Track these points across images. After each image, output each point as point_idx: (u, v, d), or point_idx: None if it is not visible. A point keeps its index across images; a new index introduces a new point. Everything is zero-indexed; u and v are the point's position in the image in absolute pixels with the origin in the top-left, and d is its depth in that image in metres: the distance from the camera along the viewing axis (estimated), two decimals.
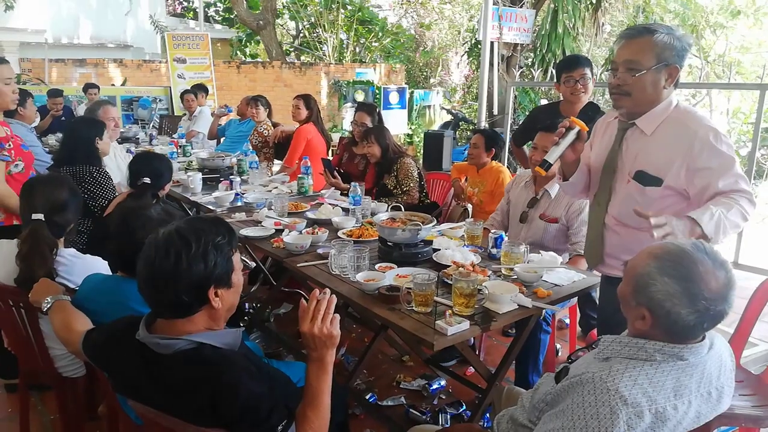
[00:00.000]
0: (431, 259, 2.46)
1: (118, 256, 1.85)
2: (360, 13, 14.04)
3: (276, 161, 5.40)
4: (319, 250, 2.54)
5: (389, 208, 2.94)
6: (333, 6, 13.57)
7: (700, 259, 1.23)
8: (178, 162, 4.62)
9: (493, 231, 2.56)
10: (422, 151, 5.94)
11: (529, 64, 8.94)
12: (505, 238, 2.53)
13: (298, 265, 2.42)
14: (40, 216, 2.06)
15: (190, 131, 6.19)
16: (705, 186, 1.77)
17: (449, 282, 2.16)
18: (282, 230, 2.82)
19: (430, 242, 2.54)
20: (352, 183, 3.14)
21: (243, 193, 3.49)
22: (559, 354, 3.25)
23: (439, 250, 2.52)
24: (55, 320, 1.72)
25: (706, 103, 9.80)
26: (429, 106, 12.53)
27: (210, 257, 1.29)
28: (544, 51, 8.33)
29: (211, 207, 3.36)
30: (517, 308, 2.02)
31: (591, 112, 2.03)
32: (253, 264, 4.28)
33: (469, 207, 3.87)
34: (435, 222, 2.58)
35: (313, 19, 14.16)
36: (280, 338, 3.36)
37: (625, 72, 1.83)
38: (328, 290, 1.40)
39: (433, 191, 4.28)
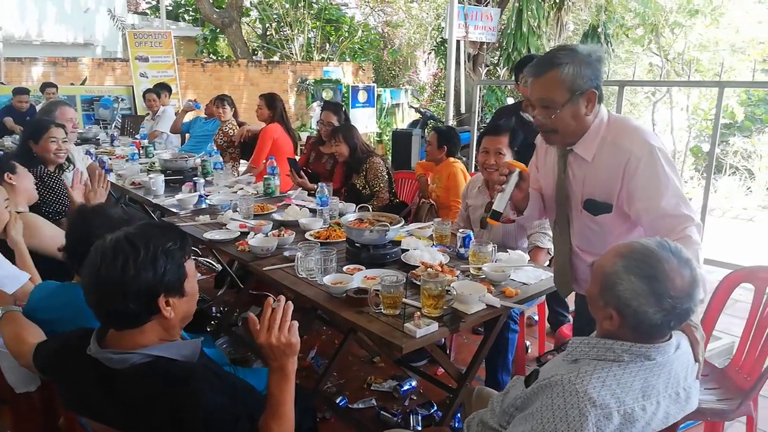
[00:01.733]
0: (400, 260, 2.44)
1: (74, 260, 1.77)
2: (326, 12, 13.93)
3: (242, 161, 5.31)
4: (286, 253, 2.49)
5: (357, 208, 2.91)
6: (299, 4, 13.43)
7: (666, 257, 1.23)
8: (140, 163, 4.50)
9: (460, 230, 2.55)
10: (391, 149, 5.91)
11: (495, 62, 9.00)
12: (473, 238, 2.53)
13: (264, 268, 2.37)
14: None
15: (153, 131, 6.04)
16: (645, 208, 1.68)
17: (418, 283, 2.14)
18: (247, 233, 2.75)
19: (398, 243, 2.51)
20: (320, 183, 3.10)
21: (207, 195, 3.41)
22: (529, 351, 3.27)
23: (408, 250, 2.50)
24: (5, 332, 1.63)
25: (667, 100, 10.06)
26: (398, 105, 12.52)
27: (159, 264, 1.23)
28: (509, 50, 8.40)
29: (174, 210, 3.27)
30: (485, 308, 2.01)
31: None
32: (220, 267, 4.19)
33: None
34: (403, 222, 2.56)
35: (279, 18, 14.00)
36: (247, 343, 3.29)
37: (542, 111, 1.72)
38: (282, 297, 1.35)
39: (401, 190, 4.26)
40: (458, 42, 7.62)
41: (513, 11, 8.43)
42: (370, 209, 2.72)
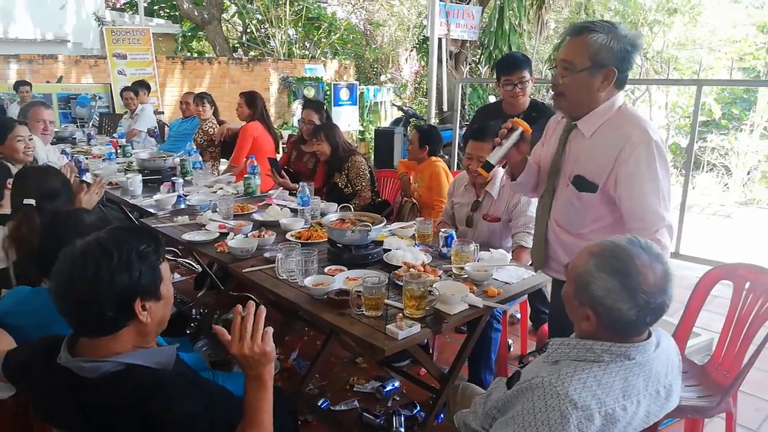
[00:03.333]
0: (382, 260, 2.42)
1: (45, 266, 1.72)
2: (307, 10, 13.84)
3: (223, 160, 5.25)
4: (266, 254, 2.45)
5: (339, 208, 2.88)
6: (280, 2, 13.33)
7: (636, 253, 1.23)
8: (117, 163, 4.41)
9: (443, 230, 2.54)
10: (373, 148, 5.88)
11: (477, 60, 9.02)
12: (455, 237, 2.52)
13: (243, 270, 2.33)
14: (32, 201, 2.10)
15: (131, 130, 5.94)
16: (629, 196, 1.72)
17: (400, 284, 2.12)
18: (227, 234, 2.71)
19: (380, 243, 2.49)
20: (301, 183, 3.06)
21: (186, 195, 3.36)
22: (511, 349, 3.27)
23: (390, 250, 2.48)
24: None
25: (646, 98, 10.17)
26: (380, 103, 12.49)
27: (134, 267, 1.20)
28: (491, 48, 8.42)
29: (151, 210, 3.21)
30: (467, 308, 2.00)
31: (535, 113, 2.01)
32: (200, 268, 4.13)
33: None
34: (385, 222, 2.54)
35: (260, 15, 13.87)
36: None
37: (562, 71, 1.77)
38: (252, 304, 1.31)
39: (384, 189, 4.24)
40: (440, 40, 7.61)
41: (495, 9, 8.46)
42: (352, 209, 2.70)
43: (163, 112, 9.06)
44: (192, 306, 3.70)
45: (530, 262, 2.71)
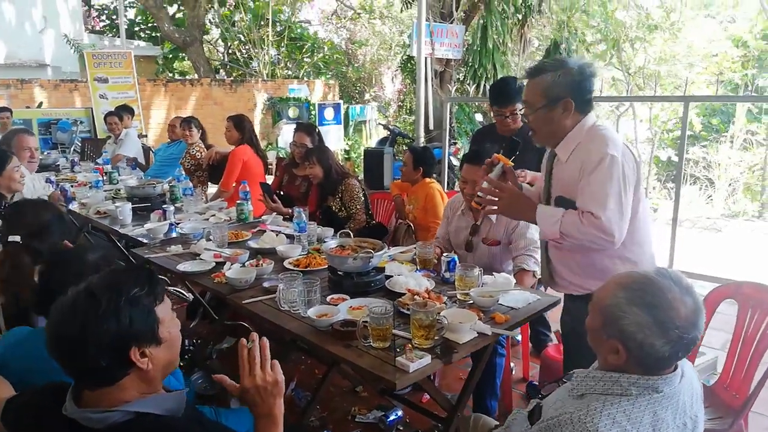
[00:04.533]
0: (384, 287, 2.37)
1: (44, 308, 1.64)
2: (289, 30, 13.88)
3: (211, 184, 5.18)
4: (265, 284, 2.39)
5: (339, 234, 2.83)
6: (262, 23, 13.35)
7: (667, 285, 1.20)
8: (104, 190, 4.32)
9: (445, 254, 2.50)
10: (362, 168, 5.85)
11: (462, 78, 9.08)
12: (458, 261, 2.48)
13: (243, 302, 2.26)
14: (17, 238, 1.99)
15: (116, 155, 5.83)
16: (580, 204, 1.85)
17: (405, 312, 2.08)
18: (223, 263, 2.64)
19: (382, 269, 2.44)
20: (296, 208, 3.01)
21: (178, 223, 3.28)
22: (513, 372, 3.22)
23: (392, 276, 2.43)
24: None
25: (630, 114, 10.33)
26: (365, 122, 12.51)
27: (123, 313, 1.14)
28: (475, 66, 8.48)
29: (143, 240, 3.13)
30: (476, 336, 1.96)
31: (517, 140, 2.09)
32: (191, 296, 4.04)
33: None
34: (387, 248, 2.49)
35: (242, 36, 13.88)
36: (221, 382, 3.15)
37: (526, 111, 1.97)
38: (255, 335, 1.29)
39: (377, 211, 4.20)
40: (426, 59, 7.64)
41: (478, 28, 8.54)
42: (351, 235, 2.65)
43: (146, 136, 8.96)
44: (185, 336, 3.59)
45: (533, 285, 2.70)
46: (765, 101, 10.34)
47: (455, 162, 7.97)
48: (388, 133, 9.44)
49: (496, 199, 1.87)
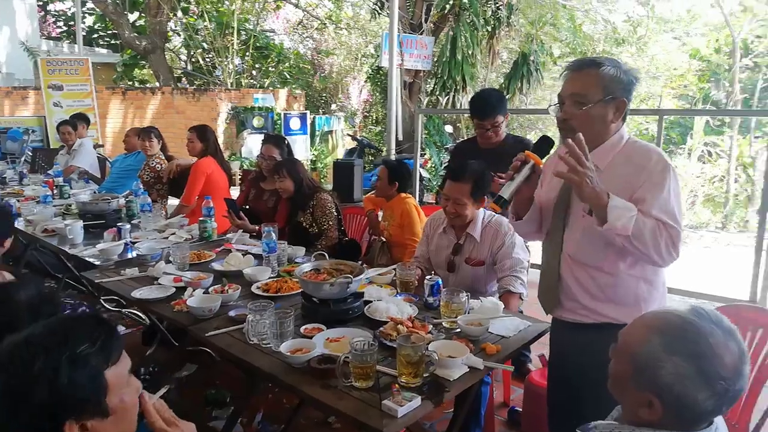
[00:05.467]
0: (363, 314, 2.18)
1: None
2: (255, 39, 13.59)
3: (171, 198, 4.89)
4: (231, 313, 2.16)
5: (313, 256, 2.62)
6: (227, 31, 13.03)
7: (708, 330, 1.04)
8: (54, 206, 3.99)
9: (428, 277, 2.32)
10: (332, 181, 5.66)
11: (431, 90, 9.00)
12: (442, 285, 2.31)
13: (206, 334, 2.03)
14: None
15: (69, 167, 5.48)
16: (651, 201, 1.63)
17: (388, 343, 1.89)
18: (184, 288, 2.41)
19: (360, 295, 2.24)
20: (265, 226, 2.79)
21: (134, 243, 3.02)
22: (494, 396, 3.06)
23: (371, 302, 2.24)
24: None
25: None
26: (331, 132, 12.32)
27: (61, 378, 0.92)
28: (444, 77, 8.41)
29: (94, 262, 2.85)
30: (468, 371, 1.78)
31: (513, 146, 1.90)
32: (147, 319, 3.75)
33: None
34: (366, 271, 2.29)
35: (206, 44, 13.52)
36: (183, 407, 2.89)
37: (572, 105, 1.70)
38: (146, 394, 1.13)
39: (349, 227, 4.00)
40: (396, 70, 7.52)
41: (447, 39, 8.48)
42: (327, 256, 2.45)
43: (102, 146, 8.56)
44: (139, 365, 3.31)
45: (521, 309, 2.55)
46: (739, 115, 10.60)
47: (425, 174, 7.87)
48: (356, 144, 9.30)
49: (580, 168, 1.54)
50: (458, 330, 2.05)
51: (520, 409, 2.85)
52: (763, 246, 3.74)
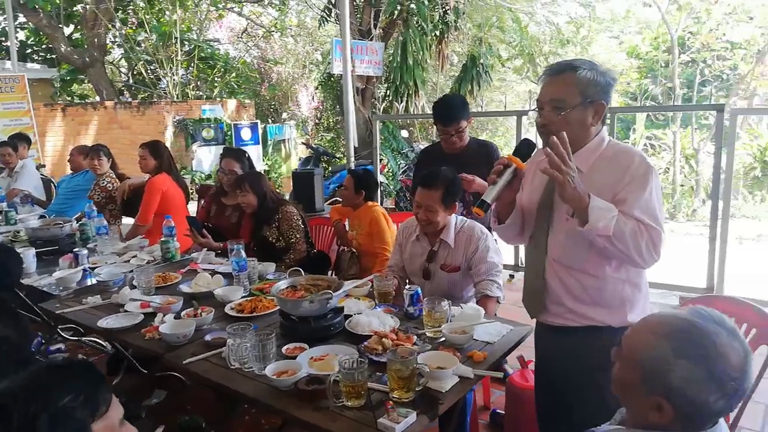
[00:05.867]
0: (345, 329, 2.13)
1: None
2: (199, 50, 13.29)
3: (125, 218, 4.69)
4: (207, 337, 2.07)
5: (288, 272, 2.55)
6: (169, 42, 12.68)
7: (714, 330, 1.05)
8: (1, 234, 3.76)
9: (408, 287, 2.30)
10: (292, 191, 5.57)
11: (384, 95, 9.01)
12: (421, 294, 2.29)
13: (183, 362, 1.94)
14: None
15: (12, 190, 5.18)
16: (633, 203, 1.64)
17: (375, 358, 1.86)
18: (152, 314, 2.30)
19: (340, 310, 2.19)
20: (232, 244, 2.70)
21: (93, 268, 2.87)
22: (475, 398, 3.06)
23: (351, 316, 2.20)
24: None
25: None
26: (284, 141, 12.17)
27: None
28: (397, 83, 8.43)
29: (52, 292, 2.69)
30: (458, 381, 1.77)
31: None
32: (109, 346, 3.57)
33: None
34: (345, 286, 2.24)
35: (147, 56, 13.11)
36: None
37: (551, 111, 1.69)
38: None
39: (315, 239, 3.94)
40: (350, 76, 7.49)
41: (398, 45, 8.51)
42: (302, 272, 2.39)
43: (44, 166, 8.17)
44: None
45: (496, 312, 2.55)
46: (688, 110, 11.08)
47: (383, 179, 7.86)
48: (312, 152, 9.21)
49: (563, 167, 1.53)
50: (443, 339, 2.03)
51: (502, 412, 2.86)
52: (717, 234, 3.88)
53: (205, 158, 11.05)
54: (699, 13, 10.06)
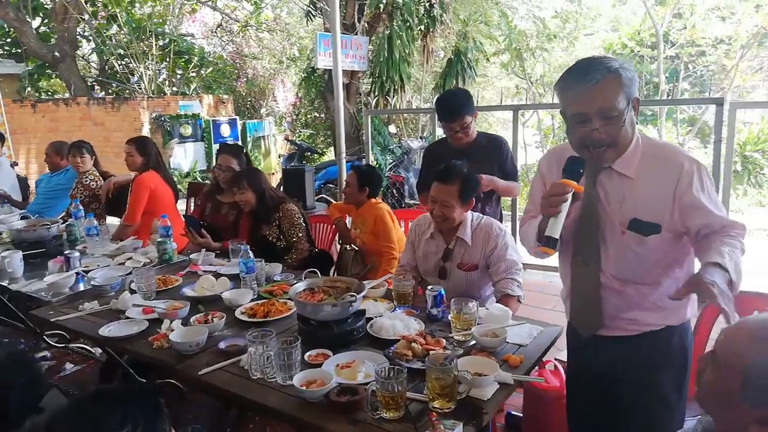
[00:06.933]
0: (368, 334, 2.01)
1: None
2: (175, 44, 12.92)
3: (109, 217, 4.49)
4: (221, 345, 1.94)
5: (304, 275, 2.42)
6: (143, 36, 12.30)
7: None
8: None
9: (430, 287, 2.19)
10: (282, 189, 5.40)
11: (369, 90, 8.88)
12: (445, 296, 2.19)
13: (200, 373, 1.80)
14: None
15: None
16: (705, 224, 1.56)
17: (405, 365, 1.74)
18: (157, 320, 2.15)
19: (362, 313, 2.07)
20: (239, 245, 2.56)
21: (86, 272, 2.69)
22: None
23: (371, 319, 2.08)
24: None
25: (534, 122, 10.68)
26: (263, 137, 11.94)
27: None
28: (383, 78, 8.30)
29: (43, 297, 2.51)
30: (498, 388, 1.67)
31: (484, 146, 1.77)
32: (99, 352, 3.39)
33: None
34: (366, 287, 2.12)
35: (121, 50, 12.70)
36: None
37: (604, 122, 1.52)
38: None
39: (315, 237, 3.80)
40: (330, 71, 7.33)
41: (383, 39, 8.38)
42: (318, 273, 2.26)
43: (17, 164, 7.83)
44: None
45: (515, 312, 2.45)
46: (686, 104, 11.17)
47: None
48: (295, 148, 9.02)
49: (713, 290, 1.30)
50: (473, 342, 1.94)
51: (517, 413, 2.78)
52: None
53: (183, 156, 10.80)
54: (681, 9, 10.17)
